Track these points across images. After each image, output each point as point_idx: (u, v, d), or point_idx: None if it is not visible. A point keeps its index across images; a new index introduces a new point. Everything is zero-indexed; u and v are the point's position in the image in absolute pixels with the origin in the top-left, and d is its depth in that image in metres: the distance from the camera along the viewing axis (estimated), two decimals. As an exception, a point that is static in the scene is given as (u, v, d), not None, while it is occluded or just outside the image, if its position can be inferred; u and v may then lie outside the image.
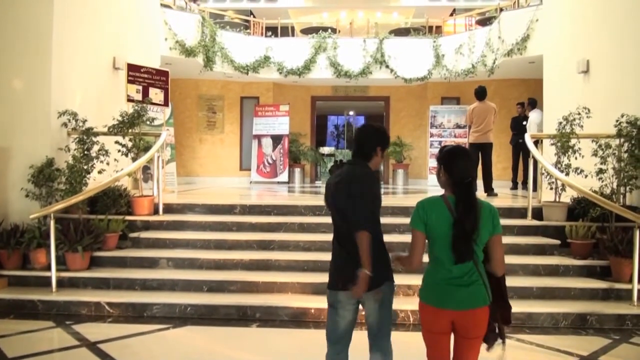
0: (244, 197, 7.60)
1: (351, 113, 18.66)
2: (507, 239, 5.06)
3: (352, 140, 3.43)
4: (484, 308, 2.01)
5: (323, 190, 2.61)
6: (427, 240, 2.05)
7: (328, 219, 3.48)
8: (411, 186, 10.75)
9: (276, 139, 11.31)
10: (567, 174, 5.28)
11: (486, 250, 2.03)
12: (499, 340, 2.10)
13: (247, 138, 11.75)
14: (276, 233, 5.38)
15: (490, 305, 2.03)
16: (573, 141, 5.37)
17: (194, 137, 11.54)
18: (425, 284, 2.09)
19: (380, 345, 2.30)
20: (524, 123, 8.65)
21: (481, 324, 2.02)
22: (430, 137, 11.23)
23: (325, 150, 17.83)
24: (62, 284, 4.52)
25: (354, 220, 2.17)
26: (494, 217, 2.04)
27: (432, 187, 10.31)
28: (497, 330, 2.10)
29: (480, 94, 7.41)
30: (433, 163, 11.07)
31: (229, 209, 5.89)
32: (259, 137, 11.43)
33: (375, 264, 2.17)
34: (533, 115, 8.47)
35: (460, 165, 2.03)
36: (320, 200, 4.43)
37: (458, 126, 11.08)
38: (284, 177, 11.14)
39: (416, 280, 2.78)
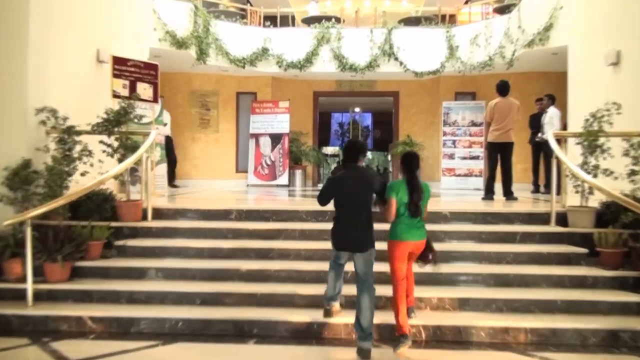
0: (240, 202, 7.56)
1: (357, 110, 18.63)
2: (528, 247, 5.07)
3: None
4: (424, 240, 3.90)
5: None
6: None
7: (330, 225, 3.48)
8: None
9: (275, 138, 11.29)
10: (595, 176, 5.22)
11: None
12: (431, 261, 3.98)
13: (243, 137, 11.74)
14: (275, 241, 5.35)
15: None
16: (601, 140, 5.31)
17: (186, 136, 11.53)
18: (394, 230, 3.83)
19: (367, 287, 3.69)
20: (543, 120, 8.59)
21: (423, 247, 3.91)
22: (444, 135, 11.20)
23: (329, 150, 17.80)
24: (40, 297, 4.49)
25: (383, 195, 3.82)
26: (429, 191, 3.94)
27: (447, 191, 10.26)
28: (430, 257, 3.96)
29: (503, 89, 7.37)
30: (447, 164, 11.05)
31: (224, 215, 5.87)
32: (256, 136, 11.42)
33: (366, 236, 3.72)
34: (552, 112, 8.42)
35: (411, 161, 3.89)
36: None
37: (473, 124, 11.04)
38: (283, 179, 11.11)
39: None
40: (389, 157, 16.52)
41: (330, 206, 3.87)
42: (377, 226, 3.82)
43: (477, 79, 11.04)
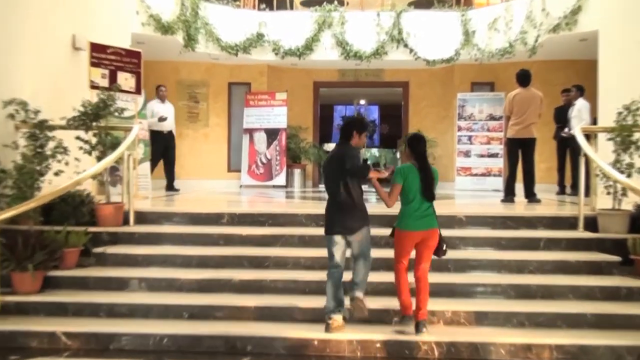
0: (232, 204, 7.56)
1: (362, 102, 18.61)
2: (553, 255, 5.06)
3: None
4: (437, 229, 4.05)
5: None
6: (401, 190, 4.05)
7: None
8: (436, 191, 10.64)
9: (271, 134, 11.29)
10: (629, 176, 5.22)
11: None
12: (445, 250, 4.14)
13: (236, 133, 11.75)
14: (272, 248, 5.35)
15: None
16: (636, 135, 5.30)
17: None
18: (403, 219, 4.04)
19: (365, 258, 4.10)
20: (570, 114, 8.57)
21: (436, 238, 4.06)
22: (458, 130, 11.19)
23: (331, 147, 17.74)
24: (8, 310, 4.48)
25: (358, 173, 4.01)
26: (438, 176, 4.12)
27: (462, 192, 10.25)
28: (443, 248, 4.11)
29: (524, 78, 7.36)
30: (462, 162, 11.03)
31: (214, 219, 5.86)
32: (250, 132, 11.42)
33: (357, 215, 4.08)
34: (580, 104, 8.41)
35: (420, 144, 4.08)
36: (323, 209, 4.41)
37: (492, 117, 11.02)
38: (280, 179, 11.11)
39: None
40: (398, 155, 16.52)
41: None
42: (377, 211, 3.82)
43: (495, 67, 11.03)
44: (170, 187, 9.41)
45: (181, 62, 11.33)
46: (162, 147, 9.09)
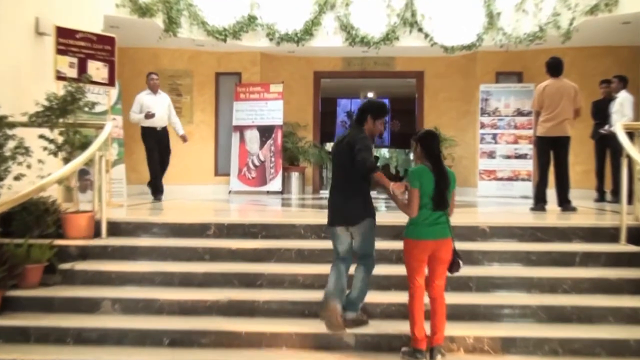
0: (220, 213, 7.56)
1: (370, 95, 18.62)
2: (591, 272, 5.06)
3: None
4: (449, 239, 4.06)
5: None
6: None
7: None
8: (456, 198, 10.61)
9: (265, 132, 11.30)
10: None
11: None
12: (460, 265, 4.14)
13: (224, 130, 11.77)
14: (265, 263, 5.35)
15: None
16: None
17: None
18: (411, 227, 4.07)
19: (364, 263, 4.33)
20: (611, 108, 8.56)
21: (449, 250, 4.08)
22: (481, 128, 11.20)
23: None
24: (-38, 335, 4.48)
25: (364, 170, 4.08)
26: (455, 179, 4.12)
27: (486, 199, 10.24)
28: (458, 263, 4.11)
29: (555, 67, 7.36)
30: (486, 164, 11.03)
31: (199, 230, 5.87)
32: (241, 129, 11.43)
33: (360, 205, 4.24)
34: (623, 97, 8.40)
35: (435, 142, 4.10)
36: (326, 218, 4.41)
37: (520, 113, 11.04)
38: (276, 184, 11.12)
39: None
40: (411, 156, 16.52)
41: None
42: (385, 220, 3.81)
43: (524, 55, 11.04)
44: (161, 191, 9.07)
45: (161, 50, 11.36)
46: (155, 144, 8.81)
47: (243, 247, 5.49)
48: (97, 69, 7.16)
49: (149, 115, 8.60)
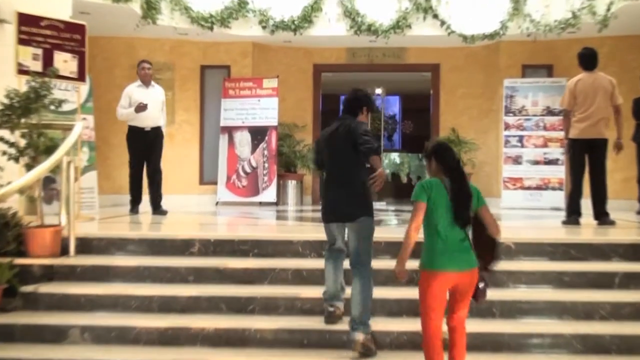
0: (206, 227, 7.57)
1: (378, 92, 18.66)
2: (633, 295, 5.07)
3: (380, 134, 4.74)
4: (476, 269, 3.80)
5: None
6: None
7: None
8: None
9: (258, 134, 11.31)
10: None
11: (481, 222, 3.89)
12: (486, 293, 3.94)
13: (211, 132, 11.77)
14: (258, 286, 5.35)
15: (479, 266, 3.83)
16: None
17: (125, 131, 11.52)
18: (426, 255, 3.81)
19: (361, 273, 4.43)
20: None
21: (474, 282, 3.83)
22: (506, 129, 11.19)
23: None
24: None
25: (367, 149, 4.42)
26: (478, 193, 3.89)
27: (511, 212, 10.23)
28: (483, 287, 3.90)
29: (588, 60, 7.38)
30: (511, 171, 11.02)
31: (182, 247, 5.87)
32: (230, 131, 11.43)
33: (356, 201, 4.50)
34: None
35: (450, 154, 3.95)
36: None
37: (550, 112, 11.03)
38: (269, 194, 11.11)
39: None
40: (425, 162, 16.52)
41: None
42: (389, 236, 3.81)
43: (555, 45, 11.06)
44: (157, 208, 8.63)
45: (138, 39, 11.35)
46: (143, 149, 8.52)
47: (232, 267, 5.49)
48: (64, 62, 7.17)
49: (141, 107, 8.23)
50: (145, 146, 8.55)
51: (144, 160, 8.58)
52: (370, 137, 4.45)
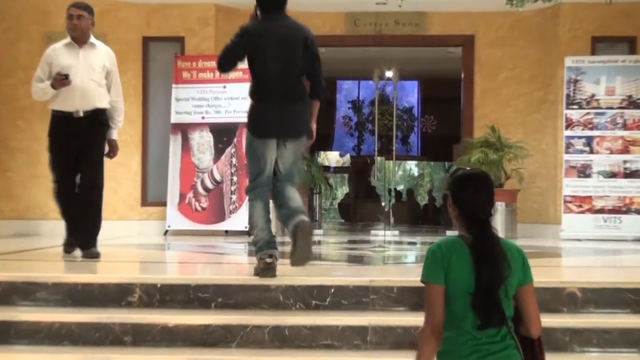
0: (150, 267, 7.58)
1: (389, 74, 18.76)
2: None
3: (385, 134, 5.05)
4: None
5: (324, 250, 5.27)
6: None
7: (333, 318, 3.49)
8: (523, 241, 10.58)
9: (223, 134, 11.32)
10: None
11: (515, 307, 3.19)
12: None
13: (157, 131, 11.85)
14: (222, 350, 5.34)
15: None
16: None
17: (36, 129, 11.51)
18: (446, 356, 3.14)
19: (291, 182, 5.79)
20: None
21: None
22: (567, 127, 11.20)
23: (332, 158, 17.86)
24: None
25: (322, 90, 5.85)
26: (524, 262, 3.20)
27: (575, 244, 10.26)
28: None
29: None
30: (576, 187, 11.02)
31: (116, 295, 5.84)
32: (184, 130, 11.44)
33: (305, 119, 5.70)
34: None
35: (472, 196, 3.20)
36: (320, 276, 4.42)
37: (633, 103, 11.05)
38: (239, 220, 11.08)
39: None
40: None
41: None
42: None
43: (638, 9, 11.13)
44: (87, 246, 7.33)
45: (54, 2, 11.33)
46: (70, 150, 7.19)
47: (186, 324, 5.47)
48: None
49: (61, 80, 7.10)
50: (74, 143, 7.22)
51: (74, 167, 7.26)
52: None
